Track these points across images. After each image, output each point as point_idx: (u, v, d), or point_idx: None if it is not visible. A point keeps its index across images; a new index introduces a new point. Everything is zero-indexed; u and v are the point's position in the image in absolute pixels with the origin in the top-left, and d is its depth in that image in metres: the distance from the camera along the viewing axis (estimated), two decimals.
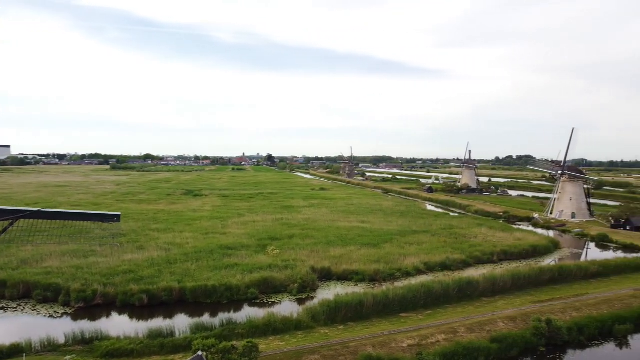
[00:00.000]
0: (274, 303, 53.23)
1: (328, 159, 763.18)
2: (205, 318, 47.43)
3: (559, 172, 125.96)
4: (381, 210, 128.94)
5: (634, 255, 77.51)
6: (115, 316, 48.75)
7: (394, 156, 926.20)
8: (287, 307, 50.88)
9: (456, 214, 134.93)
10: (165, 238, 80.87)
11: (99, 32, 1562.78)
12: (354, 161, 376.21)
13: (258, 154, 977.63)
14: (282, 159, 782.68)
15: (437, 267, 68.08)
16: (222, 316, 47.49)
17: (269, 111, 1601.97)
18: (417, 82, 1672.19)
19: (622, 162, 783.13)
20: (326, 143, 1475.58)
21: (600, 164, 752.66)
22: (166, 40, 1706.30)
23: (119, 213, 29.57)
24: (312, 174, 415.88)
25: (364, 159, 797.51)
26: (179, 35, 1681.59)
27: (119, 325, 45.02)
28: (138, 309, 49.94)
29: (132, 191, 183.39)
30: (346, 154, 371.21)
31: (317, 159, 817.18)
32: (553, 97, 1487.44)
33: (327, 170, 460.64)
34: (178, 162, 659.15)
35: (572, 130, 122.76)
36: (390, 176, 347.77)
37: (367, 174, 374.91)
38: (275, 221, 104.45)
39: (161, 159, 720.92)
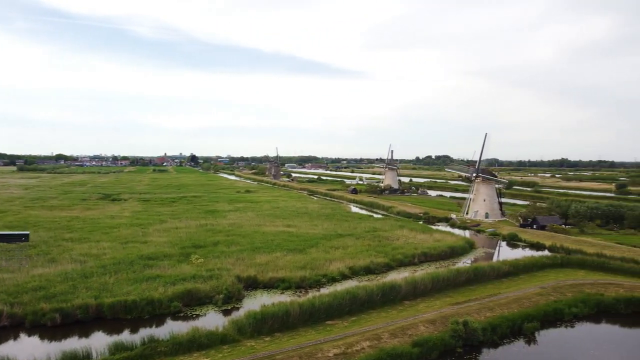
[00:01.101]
0: (198, 316, 51.94)
1: (254, 159, 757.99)
2: (125, 336, 45.37)
3: (474, 174, 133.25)
4: (307, 213, 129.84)
5: (540, 253, 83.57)
6: (24, 339, 45.32)
7: (320, 156, 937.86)
8: (212, 320, 49.80)
9: (379, 216, 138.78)
10: (80, 249, 76.30)
11: (5, 22, 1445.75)
12: (279, 161, 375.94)
13: (181, 153, 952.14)
14: (206, 159, 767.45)
15: (361, 271, 69.61)
16: (144, 332, 45.72)
17: (192, 109, 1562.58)
18: (344, 83, 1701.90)
19: (529, 161, 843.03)
20: (252, 142, 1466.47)
21: (510, 163, 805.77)
22: (79, 33, 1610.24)
23: (27, 232, 27.59)
24: (237, 175, 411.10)
25: (290, 159, 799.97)
26: (93, 28, 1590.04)
27: (28, 349, 41.95)
28: (50, 330, 46.74)
29: (43, 196, 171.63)
30: (272, 154, 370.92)
31: (242, 159, 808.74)
32: (471, 98, 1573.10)
33: (253, 171, 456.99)
34: (94, 163, 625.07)
35: (485, 136, 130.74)
36: (315, 177, 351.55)
37: (293, 175, 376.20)
38: (199, 227, 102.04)
39: (75, 159, 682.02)
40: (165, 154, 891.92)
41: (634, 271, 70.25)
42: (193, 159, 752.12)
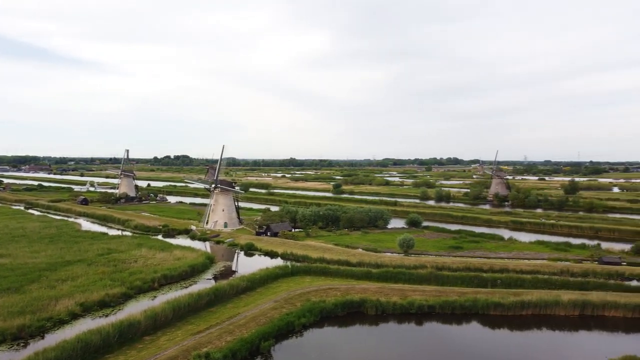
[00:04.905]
0: None
1: None
2: None
3: (213, 186, 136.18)
4: (25, 236, 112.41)
5: (274, 262, 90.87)
6: None
7: (41, 155, 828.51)
8: None
9: (116, 232, 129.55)
10: None
11: None
12: None
13: None
14: None
15: (95, 306, 64.00)
16: None
17: None
18: (72, 74, 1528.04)
19: (263, 161, 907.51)
20: None
21: (247, 163, 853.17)
22: None
23: None
24: None
25: (1, 160, 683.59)
26: None
27: None
28: None
29: None
30: None
31: None
32: (211, 98, 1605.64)
33: None
34: None
35: (223, 148, 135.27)
36: (36, 183, 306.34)
37: (5, 181, 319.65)
38: None
39: None
40: None
41: (347, 274, 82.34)
42: None
